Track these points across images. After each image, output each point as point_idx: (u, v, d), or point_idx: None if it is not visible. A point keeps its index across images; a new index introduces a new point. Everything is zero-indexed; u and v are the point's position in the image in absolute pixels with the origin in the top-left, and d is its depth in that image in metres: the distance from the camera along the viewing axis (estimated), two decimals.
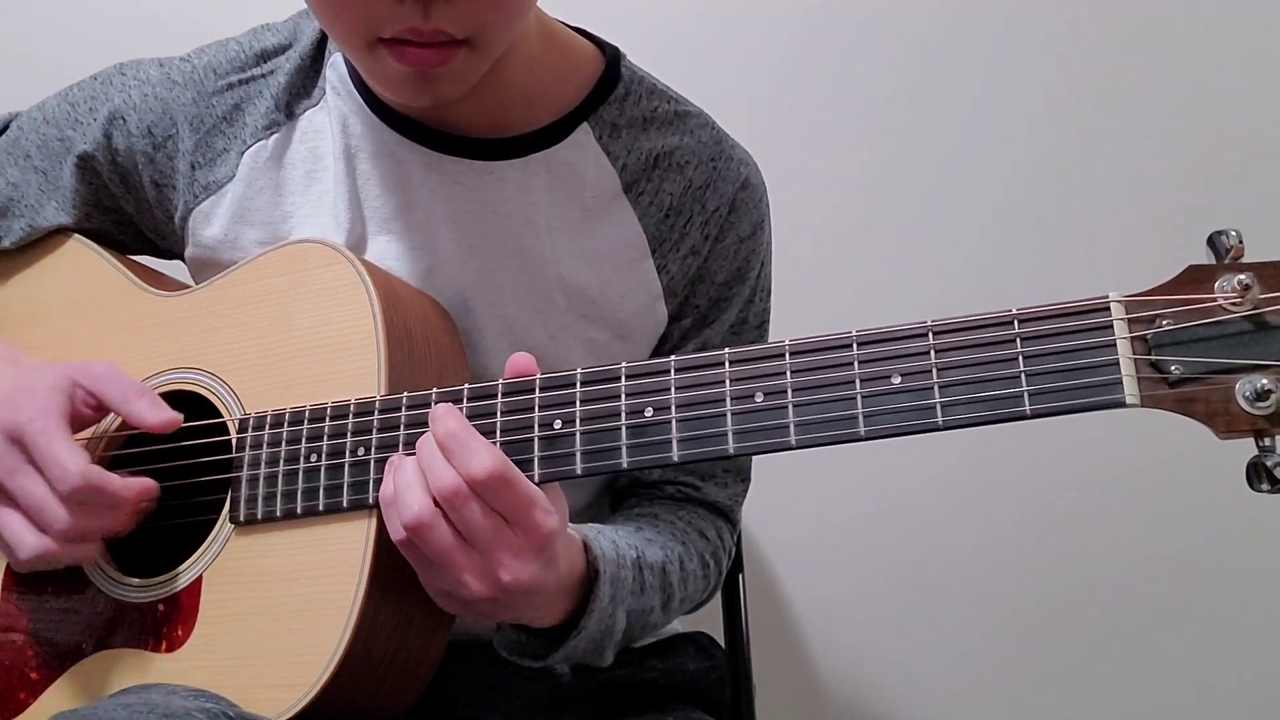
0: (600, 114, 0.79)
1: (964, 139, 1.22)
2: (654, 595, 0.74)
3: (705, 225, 0.80)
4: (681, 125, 0.81)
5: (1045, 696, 1.23)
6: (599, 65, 0.80)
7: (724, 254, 0.81)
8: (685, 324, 0.82)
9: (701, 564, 0.81)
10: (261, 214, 0.79)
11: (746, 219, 0.81)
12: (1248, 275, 0.53)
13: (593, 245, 0.79)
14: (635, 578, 0.72)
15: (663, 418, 0.61)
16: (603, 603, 0.68)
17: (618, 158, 0.79)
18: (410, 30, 0.65)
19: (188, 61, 0.82)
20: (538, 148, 0.78)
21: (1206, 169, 1.21)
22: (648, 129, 0.80)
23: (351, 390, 0.69)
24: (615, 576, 0.69)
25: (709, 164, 0.80)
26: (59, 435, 0.67)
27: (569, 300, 0.78)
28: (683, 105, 0.82)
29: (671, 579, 0.76)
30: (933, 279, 1.21)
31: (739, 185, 0.81)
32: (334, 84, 0.79)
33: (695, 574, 0.80)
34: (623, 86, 0.80)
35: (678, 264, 0.80)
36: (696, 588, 0.80)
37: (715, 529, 0.84)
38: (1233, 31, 1.21)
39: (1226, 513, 1.18)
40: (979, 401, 0.55)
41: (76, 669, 0.72)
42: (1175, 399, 0.53)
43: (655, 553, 0.75)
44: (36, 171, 0.82)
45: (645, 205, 0.79)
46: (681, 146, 0.80)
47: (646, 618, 0.75)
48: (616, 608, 0.70)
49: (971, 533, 1.22)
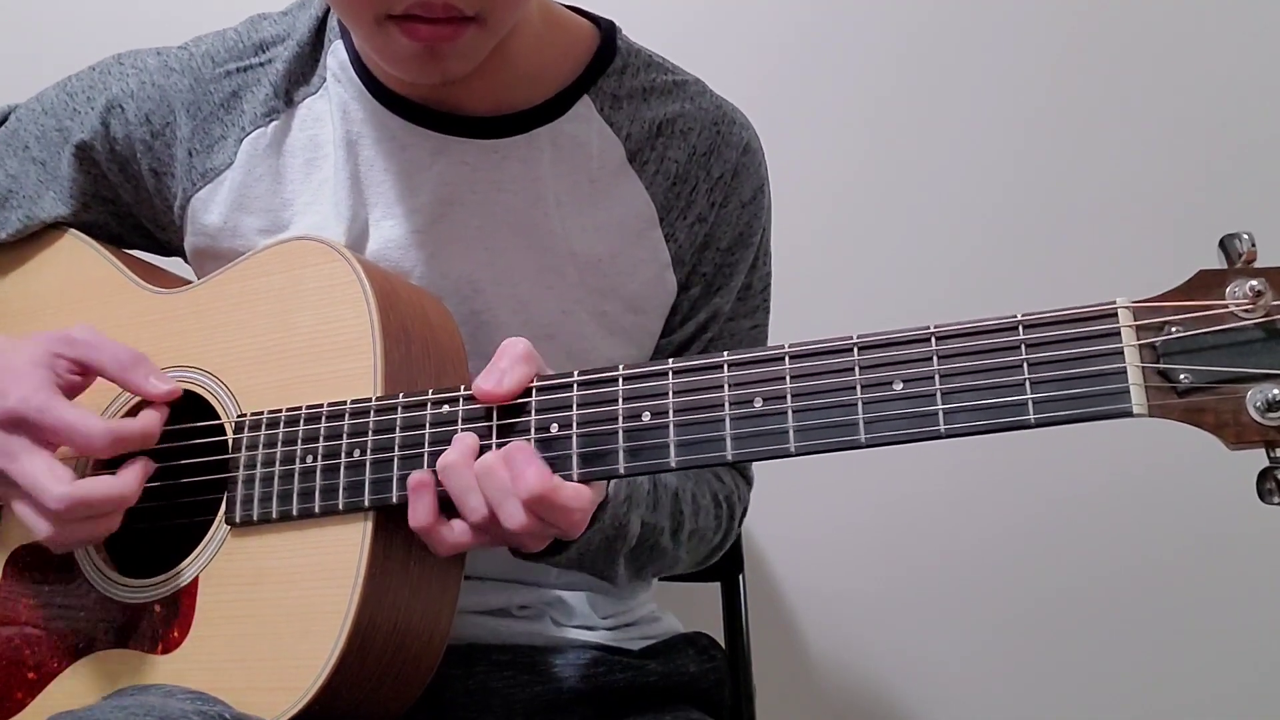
0: (600, 86, 0.79)
1: (969, 140, 1.21)
2: (664, 515, 0.75)
3: (711, 191, 0.80)
4: (681, 93, 0.81)
5: (1047, 698, 1.22)
6: (595, 39, 0.81)
7: (728, 219, 0.81)
8: (694, 293, 0.82)
9: (714, 501, 0.82)
10: (261, 201, 0.79)
11: (749, 183, 0.82)
12: (1260, 281, 0.51)
13: (602, 217, 0.79)
14: (650, 490, 0.73)
15: (660, 422, 0.60)
16: (617, 498, 0.69)
17: (621, 128, 0.79)
18: (420, 5, 0.65)
19: (185, 50, 0.82)
20: (541, 122, 0.78)
21: (1218, 170, 1.19)
22: (648, 98, 0.80)
23: (348, 390, 0.68)
24: (631, 482, 0.70)
25: (711, 129, 0.80)
26: (62, 405, 0.67)
27: (581, 274, 0.78)
28: (679, 74, 0.82)
29: (683, 505, 0.77)
30: (936, 283, 1.20)
31: (741, 150, 0.81)
32: (334, 71, 0.79)
33: (707, 509, 0.80)
34: (620, 59, 0.80)
35: (685, 231, 0.80)
36: (707, 524, 0.81)
37: (730, 476, 0.85)
38: (1247, 32, 1.19)
39: (1233, 520, 1.17)
40: (982, 409, 0.54)
41: (73, 669, 0.72)
42: (1184, 409, 0.52)
43: (669, 479, 0.76)
44: (35, 162, 0.82)
45: (651, 174, 0.79)
46: (683, 114, 0.80)
47: (657, 537, 0.75)
48: (630, 509, 0.70)
49: (973, 535, 1.22)
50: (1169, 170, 1.19)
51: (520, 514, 0.61)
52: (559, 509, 0.61)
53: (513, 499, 0.61)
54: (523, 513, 0.61)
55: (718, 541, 0.84)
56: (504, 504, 0.61)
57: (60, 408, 0.67)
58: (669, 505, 0.75)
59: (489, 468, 0.62)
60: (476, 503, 0.62)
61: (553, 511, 0.61)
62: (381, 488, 0.66)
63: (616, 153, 0.79)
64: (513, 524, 0.61)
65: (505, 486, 0.61)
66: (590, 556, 0.70)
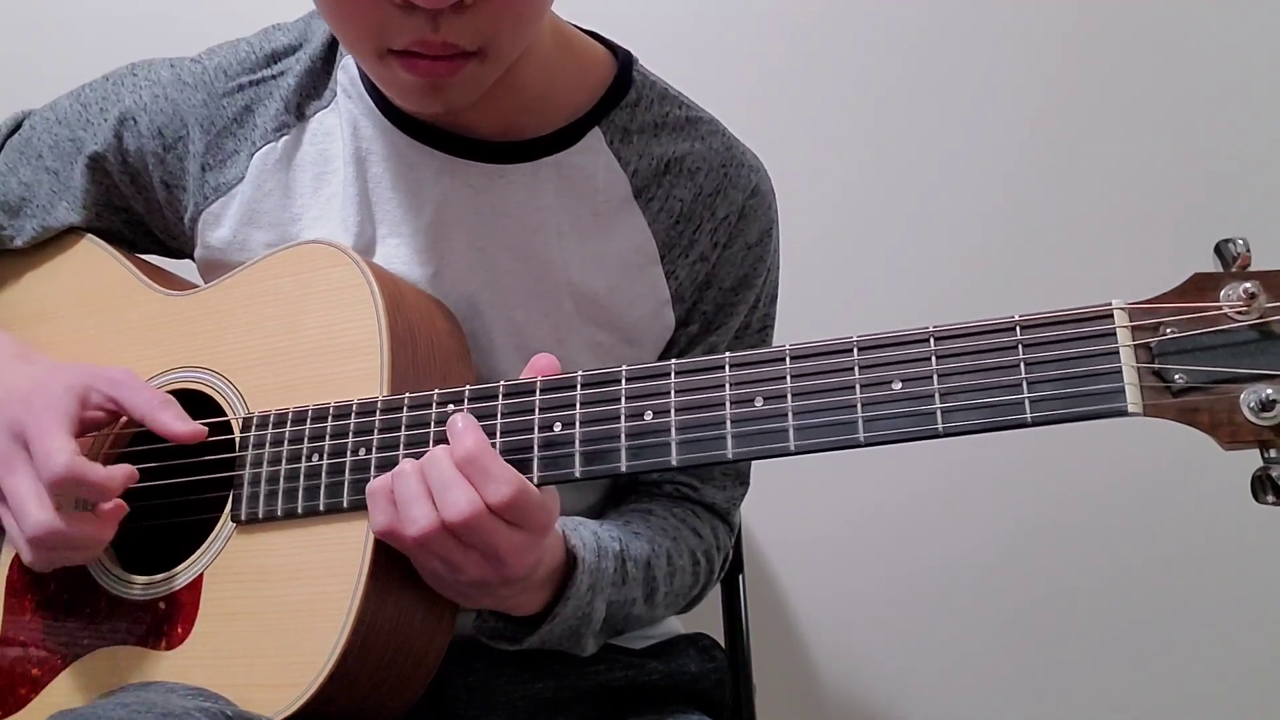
0: (612, 119, 0.78)
1: (967, 142, 1.22)
2: (636, 587, 0.75)
3: (715, 232, 0.80)
4: (693, 131, 0.80)
5: (1045, 698, 1.22)
6: (611, 69, 0.80)
7: (732, 260, 0.81)
8: (692, 329, 0.82)
9: (692, 560, 0.81)
10: (270, 216, 0.79)
11: (755, 226, 0.81)
12: (1254, 284, 0.52)
13: (602, 250, 0.78)
14: (617, 569, 0.73)
15: (662, 422, 0.61)
16: (579, 589, 0.69)
17: (629, 163, 0.78)
18: (419, 43, 0.65)
19: (199, 63, 0.82)
20: (549, 151, 0.77)
21: (1214, 176, 1.20)
22: (659, 134, 0.79)
23: (355, 391, 0.69)
24: (595, 567, 0.70)
25: (720, 170, 0.80)
26: (54, 429, 0.67)
27: (577, 304, 0.78)
28: (694, 111, 0.82)
29: (656, 573, 0.77)
30: (934, 284, 1.21)
31: (749, 193, 0.81)
32: (345, 86, 0.79)
33: (684, 569, 0.80)
34: (635, 91, 0.79)
35: (686, 270, 0.80)
36: (684, 583, 0.81)
37: (710, 528, 0.84)
38: (1245, 35, 1.20)
39: (1228, 520, 1.18)
40: (980, 409, 0.55)
41: (77, 666, 0.72)
42: (1178, 409, 0.52)
43: (641, 546, 0.76)
44: (48, 171, 0.83)
45: (655, 211, 0.79)
46: (693, 153, 0.80)
47: (629, 609, 0.75)
48: (595, 596, 0.71)
49: (972, 535, 1.22)
50: (1165, 177, 1.20)
51: (462, 500, 0.60)
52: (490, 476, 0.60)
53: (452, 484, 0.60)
54: (463, 497, 0.60)
55: (696, 594, 0.85)
56: (444, 492, 0.60)
57: (48, 432, 0.67)
58: (640, 576, 0.75)
59: (434, 457, 0.62)
60: (419, 512, 0.61)
61: (485, 478, 0.60)
62: None
63: (622, 187, 0.78)
64: (453, 514, 0.60)
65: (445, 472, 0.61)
66: (554, 643, 0.71)
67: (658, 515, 0.81)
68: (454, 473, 0.61)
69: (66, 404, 0.69)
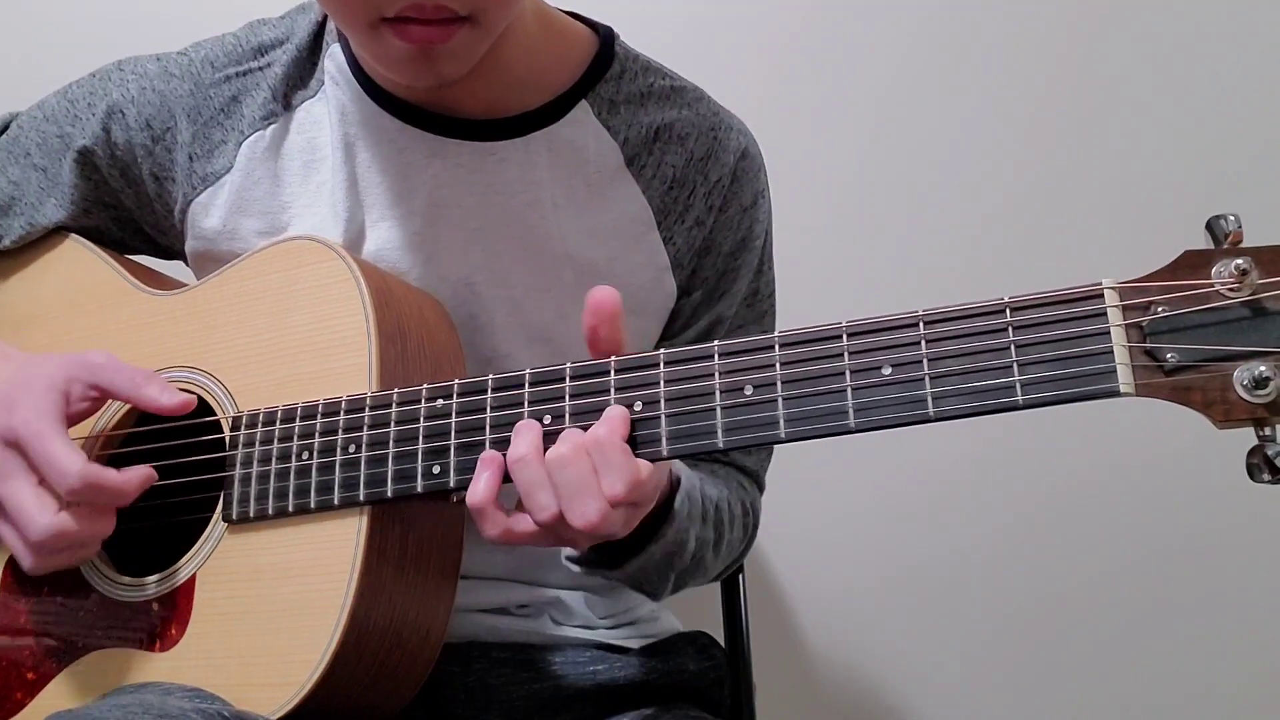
0: (598, 91, 0.79)
1: (956, 125, 1.22)
2: (710, 528, 0.75)
3: (709, 196, 0.81)
4: (678, 99, 0.81)
5: (1046, 693, 1.22)
6: (593, 45, 0.81)
7: (728, 224, 0.82)
8: (696, 298, 0.83)
9: (743, 510, 0.82)
10: (260, 204, 0.80)
11: (748, 188, 0.82)
12: (1246, 260, 0.51)
13: (599, 220, 0.79)
14: (702, 503, 0.73)
15: (652, 412, 0.60)
16: (681, 514, 0.69)
17: (618, 132, 0.79)
18: (413, 7, 0.66)
19: (185, 55, 0.83)
20: (538, 126, 0.78)
21: (1204, 153, 1.19)
22: (645, 104, 0.80)
23: (344, 387, 0.68)
24: (690, 494, 0.70)
25: (709, 134, 0.81)
26: (55, 436, 0.67)
27: (578, 277, 0.78)
28: (677, 80, 0.83)
29: (723, 516, 0.77)
30: (924, 268, 1.21)
31: (739, 155, 0.82)
32: (332, 74, 0.80)
33: (738, 519, 0.81)
34: (618, 64, 0.81)
35: (683, 235, 0.80)
36: (737, 535, 0.81)
37: (750, 482, 0.86)
38: (1231, 17, 1.20)
39: (1226, 503, 1.17)
40: (970, 392, 0.54)
41: (72, 668, 0.72)
42: (1171, 387, 0.52)
43: (710, 489, 0.76)
44: (36, 169, 0.83)
45: (648, 178, 0.80)
46: (680, 119, 0.80)
47: (704, 552, 0.75)
48: (690, 525, 0.71)
49: (971, 530, 1.22)
50: (1155, 155, 1.20)
51: (593, 513, 0.58)
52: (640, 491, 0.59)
53: (588, 496, 0.58)
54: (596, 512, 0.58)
55: (740, 551, 0.85)
56: (574, 501, 0.58)
57: (50, 439, 0.66)
58: (714, 517, 0.75)
59: (564, 459, 0.59)
60: (546, 500, 0.59)
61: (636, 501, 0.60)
62: (376, 483, 0.66)
63: (614, 157, 0.79)
64: (581, 523, 0.58)
65: (585, 482, 0.58)
66: (648, 571, 0.70)
67: (703, 468, 0.81)
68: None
69: (52, 403, 0.69)
